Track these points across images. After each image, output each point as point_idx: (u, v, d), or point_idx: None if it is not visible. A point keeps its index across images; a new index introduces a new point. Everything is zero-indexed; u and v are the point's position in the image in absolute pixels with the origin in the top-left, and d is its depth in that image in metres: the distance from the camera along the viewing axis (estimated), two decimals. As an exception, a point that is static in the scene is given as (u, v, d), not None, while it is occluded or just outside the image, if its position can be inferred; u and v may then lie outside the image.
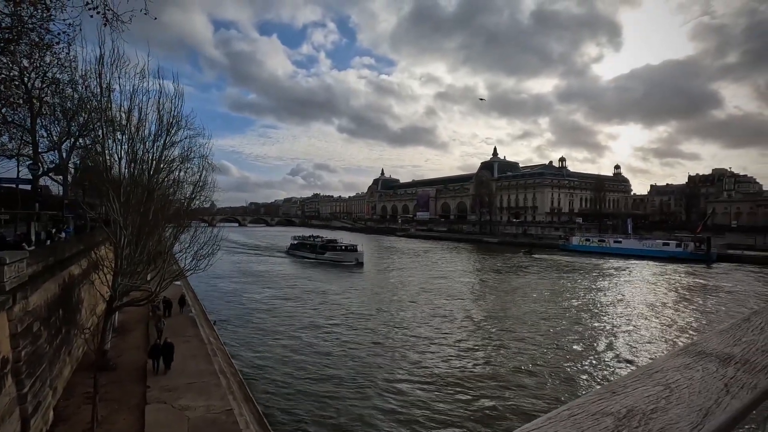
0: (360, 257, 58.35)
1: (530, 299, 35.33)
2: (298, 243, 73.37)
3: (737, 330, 1.11)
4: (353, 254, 59.39)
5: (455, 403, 16.11)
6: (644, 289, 41.00)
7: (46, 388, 12.27)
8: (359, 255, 58.82)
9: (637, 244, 71.07)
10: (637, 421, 0.69)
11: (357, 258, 58.11)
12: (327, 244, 65.18)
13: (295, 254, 70.57)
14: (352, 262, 57.23)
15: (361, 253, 59.38)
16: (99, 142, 17.06)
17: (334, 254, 61.11)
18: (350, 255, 59.30)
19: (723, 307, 32.26)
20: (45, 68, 19.03)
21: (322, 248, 63.93)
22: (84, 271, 19.69)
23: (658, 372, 0.87)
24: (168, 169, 19.69)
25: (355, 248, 61.03)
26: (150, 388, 14.31)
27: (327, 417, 15.01)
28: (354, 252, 60.09)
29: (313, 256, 63.81)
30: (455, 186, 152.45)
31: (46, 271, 13.96)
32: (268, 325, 26.71)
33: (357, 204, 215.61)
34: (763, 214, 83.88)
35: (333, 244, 64.81)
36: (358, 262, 57.46)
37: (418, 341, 23.58)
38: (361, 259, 58.09)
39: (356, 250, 60.57)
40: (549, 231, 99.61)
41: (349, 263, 57.32)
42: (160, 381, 14.90)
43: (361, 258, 58.24)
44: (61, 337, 15.14)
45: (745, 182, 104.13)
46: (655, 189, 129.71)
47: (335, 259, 59.74)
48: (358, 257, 58.34)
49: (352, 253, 59.67)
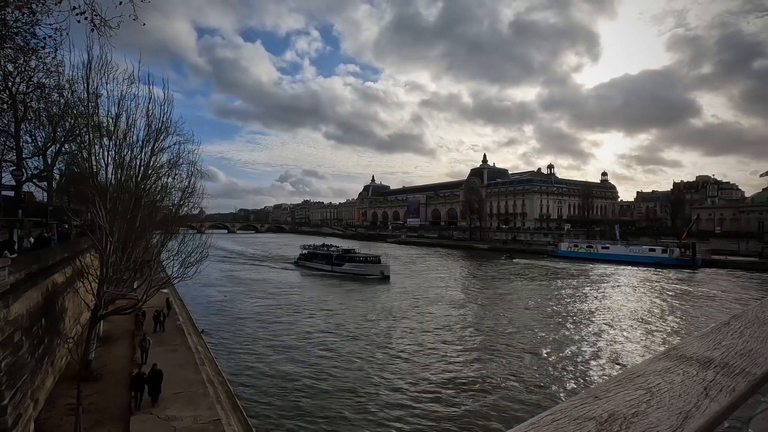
0: (385, 270, 51.47)
1: (521, 305, 35.53)
2: (309, 253, 64.83)
3: (717, 334, 1.13)
4: (377, 266, 52.46)
5: (449, 409, 16.06)
6: (630, 294, 41.47)
7: (27, 399, 11.92)
8: (384, 267, 51.96)
9: (624, 250, 72.04)
10: (619, 425, 0.70)
11: (382, 271, 51.23)
12: (345, 254, 57.47)
13: (306, 266, 62.34)
14: (376, 276, 50.39)
15: (387, 266, 52.44)
16: (85, 148, 16.80)
17: (354, 266, 53.69)
18: (373, 267, 52.32)
19: (706, 312, 32.79)
20: (30, 73, 18.74)
21: (339, 259, 56.60)
22: (68, 279, 19.27)
23: (640, 376, 0.88)
24: (156, 176, 19.47)
25: (378, 259, 54.40)
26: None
27: (316, 427, 14.83)
28: (377, 264, 53.14)
29: (329, 269, 56.66)
30: (445, 192, 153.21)
31: (29, 279, 13.64)
32: (286, 368, 20.05)
33: (347, 210, 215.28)
34: (746, 221, 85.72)
35: (352, 254, 57.20)
36: (384, 275, 50.44)
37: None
38: (386, 272, 51.23)
39: (379, 261, 53.88)
40: (538, 237, 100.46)
41: (372, 276, 50.38)
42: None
43: (386, 271, 51.41)
44: (43, 346, 14.76)
45: (728, 189, 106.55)
46: (641, 195, 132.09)
47: (356, 271, 52.45)
48: (383, 270, 51.41)
49: (376, 266, 52.75)
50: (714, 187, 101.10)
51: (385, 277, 50.35)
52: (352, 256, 56.02)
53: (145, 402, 13.32)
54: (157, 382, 13.59)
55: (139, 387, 13.38)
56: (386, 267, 52.14)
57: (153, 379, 13.61)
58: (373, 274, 51.00)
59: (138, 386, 13.39)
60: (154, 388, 13.47)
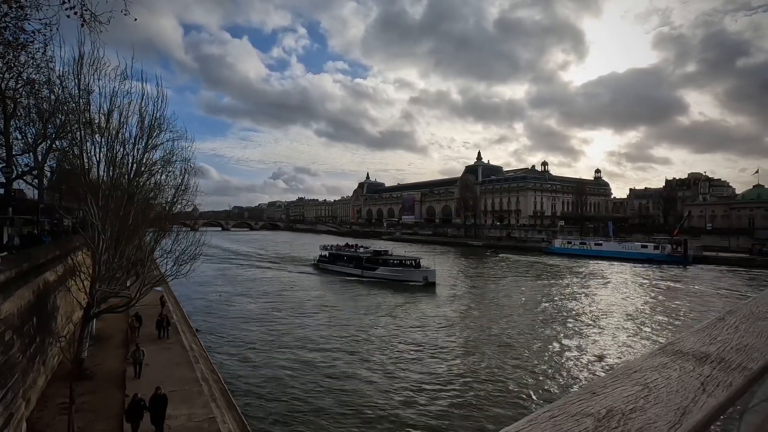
0: (430, 275, 43.36)
1: (519, 300, 35.74)
2: (331, 254, 57.25)
3: (713, 329, 1.13)
4: (419, 271, 44.54)
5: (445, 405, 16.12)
6: (623, 290, 41.86)
7: (19, 399, 11.81)
8: (429, 273, 43.78)
9: (617, 247, 72.64)
10: (617, 422, 0.70)
11: (426, 276, 43.27)
12: (377, 256, 50.12)
13: (328, 269, 54.99)
14: (419, 282, 42.69)
15: (432, 271, 44.21)
16: (77, 145, 16.58)
17: (390, 271, 46.27)
18: (414, 272, 44.47)
19: (698, 307, 33.16)
20: (20, 68, 18.48)
21: (370, 262, 49.34)
22: (60, 278, 19.09)
23: (637, 372, 0.88)
24: (149, 173, 19.28)
25: (418, 262, 46.74)
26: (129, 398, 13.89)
27: (313, 424, 14.83)
28: (418, 268, 45.28)
29: (358, 273, 49.12)
30: (440, 190, 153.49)
31: (20, 278, 13.49)
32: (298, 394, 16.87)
33: (342, 208, 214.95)
34: (737, 217, 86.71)
35: (385, 256, 49.86)
36: (428, 281, 42.62)
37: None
38: (432, 278, 43.11)
39: (420, 265, 46.22)
40: (532, 234, 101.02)
41: (414, 283, 42.78)
42: (140, 388, 14.50)
43: (431, 276, 43.27)
44: (35, 345, 14.62)
45: (719, 186, 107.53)
46: (634, 192, 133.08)
47: (393, 277, 45.17)
48: (427, 275, 43.33)
49: (417, 270, 44.84)
50: (705, 185, 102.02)
51: (430, 283, 42.48)
52: (386, 259, 49.02)
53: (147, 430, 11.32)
54: (161, 409, 11.39)
55: (137, 416, 11.19)
56: (431, 272, 43.92)
57: (156, 406, 11.41)
58: (415, 280, 43.37)
59: (135, 416, 11.18)
60: (158, 416, 11.36)
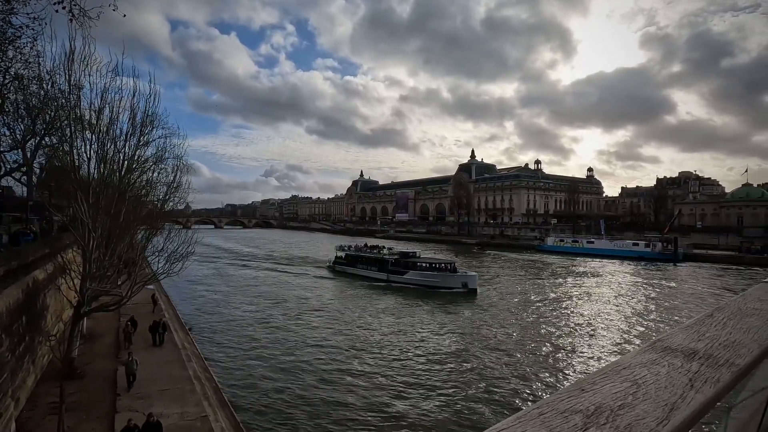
0: (470, 281, 38.36)
1: (516, 299, 35.97)
2: (349, 256, 51.35)
3: (701, 326, 1.15)
4: (456, 277, 39.24)
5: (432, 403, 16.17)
6: (613, 287, 42.29)
7: (8, 398, 11.68)
8: (468, 278, 38.73)
9: (609, 245, 73.35)
10: (605, 418, 0.70)
11: (464, 282, 38.25)
12: (404, 259, 44.31)
13: (346, 272, 49.24)
14: (458, 289, 37.88)
15: (472, 276, 39.09)
16: (67, 141, 16.36)
17: (422, 275, 40.90)
18: (451, 278, 39.20)
19: (687, 304, 33.59)
20: (7, 63, 18.13)
21: (398, 265, 43.77)
22: (50, 276, 18.85)
23: (626, 368, 0.89)
24: (141, 170, 19.10)
25: (454, 266, 40.93)
26: (120, 397, 13.80)
27: (304, 422, 14.82)
28: (454, 273, 39.81)
29: (383, 278, 44.07)
30: (434, 188, 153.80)
31: (8, 276, 13.31)
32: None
33: (336, 205, 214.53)
34: (726, 216, 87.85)
35: (414, 259, 44.14)
36: (468, 288, 37.78)
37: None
38: (472, 283, 38.17)
39: (456, 269, 40.47)
40: (525, 232, 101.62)
41: (451, 289, 37.82)
42: (132, 388, 14.40)
43: (472, 282, 38.25)
44: (24, 344, 14.44)
45: (709, 185, 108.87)
46: (625, 191, 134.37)
47: (426, 282, 39.94)
48: (466, 281, 38.35)
49: (454, 276, 39.41)
50: (695, 183, 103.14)
51: (471, 290, 37.66)
52: (415, 262, 43.36)
53: None
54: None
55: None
56: (471, 277, 38.83)
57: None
58: (453, 286, 38.33)
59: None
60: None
